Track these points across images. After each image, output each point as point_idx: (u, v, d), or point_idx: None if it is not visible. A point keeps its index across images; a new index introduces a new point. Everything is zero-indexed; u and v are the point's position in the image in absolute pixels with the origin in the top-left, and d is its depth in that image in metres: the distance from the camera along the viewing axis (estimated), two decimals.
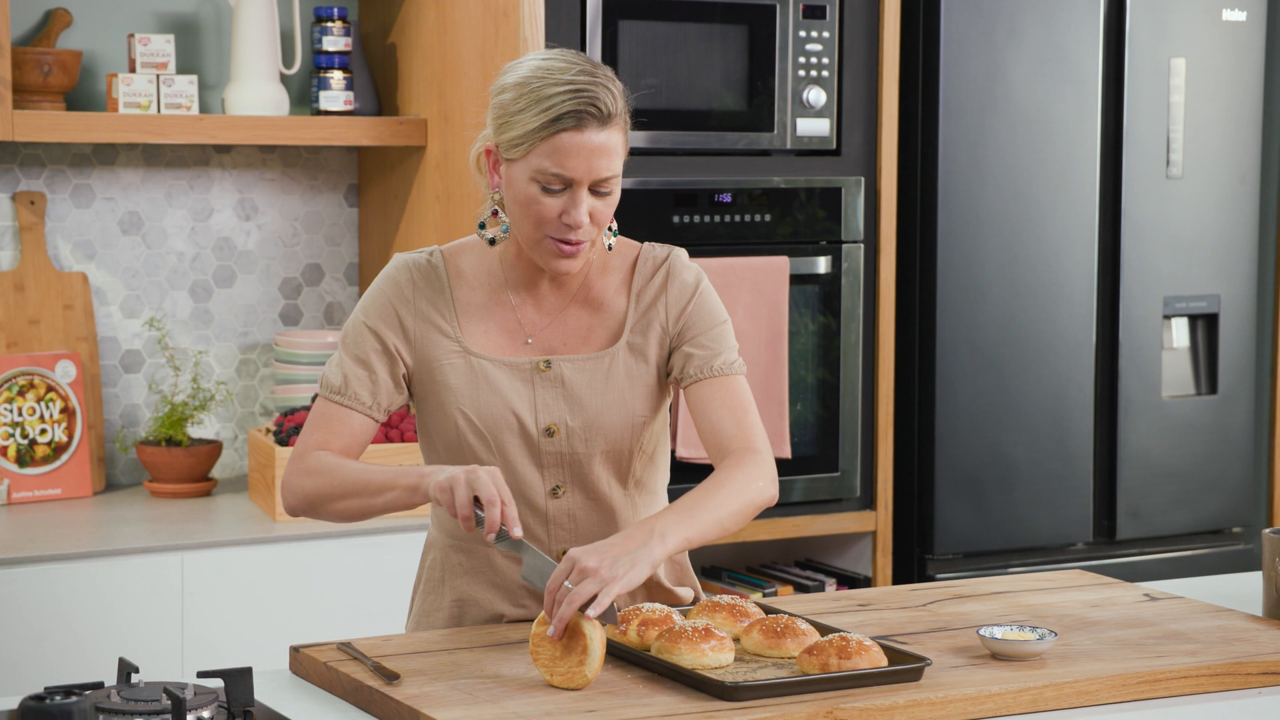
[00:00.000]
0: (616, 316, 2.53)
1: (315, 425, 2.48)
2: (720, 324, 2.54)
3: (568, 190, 2.38)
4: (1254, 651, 2.42)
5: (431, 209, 3.87)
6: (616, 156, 2.39)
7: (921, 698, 2.20)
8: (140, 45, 3.75)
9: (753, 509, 2.41)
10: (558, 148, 2.35)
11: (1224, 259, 4.33)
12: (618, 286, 2.54)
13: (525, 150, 2.38)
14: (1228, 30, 4.30)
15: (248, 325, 4.07)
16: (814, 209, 3.95)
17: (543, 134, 2.35)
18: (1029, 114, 4.09)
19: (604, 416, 2.48)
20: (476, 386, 2.47)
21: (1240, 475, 4.39)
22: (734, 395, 2.50)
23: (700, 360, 2.50)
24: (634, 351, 2.52)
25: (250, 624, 3.43)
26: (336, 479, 2.42)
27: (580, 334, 2.52)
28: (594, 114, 2.35)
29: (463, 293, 2.51)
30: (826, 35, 3.92)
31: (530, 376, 2.49)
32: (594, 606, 2.20)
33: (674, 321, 2.52)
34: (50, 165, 3.87)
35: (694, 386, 2.51)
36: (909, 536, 4.11)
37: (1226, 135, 4.32)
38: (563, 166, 2.36)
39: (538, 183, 2.38)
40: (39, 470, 3.74)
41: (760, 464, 2.43)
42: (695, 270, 2.56)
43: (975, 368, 4.07)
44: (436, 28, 3.85)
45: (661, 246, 2.58)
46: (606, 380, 2.49)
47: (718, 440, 2.47)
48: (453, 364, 2.48)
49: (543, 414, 2.48)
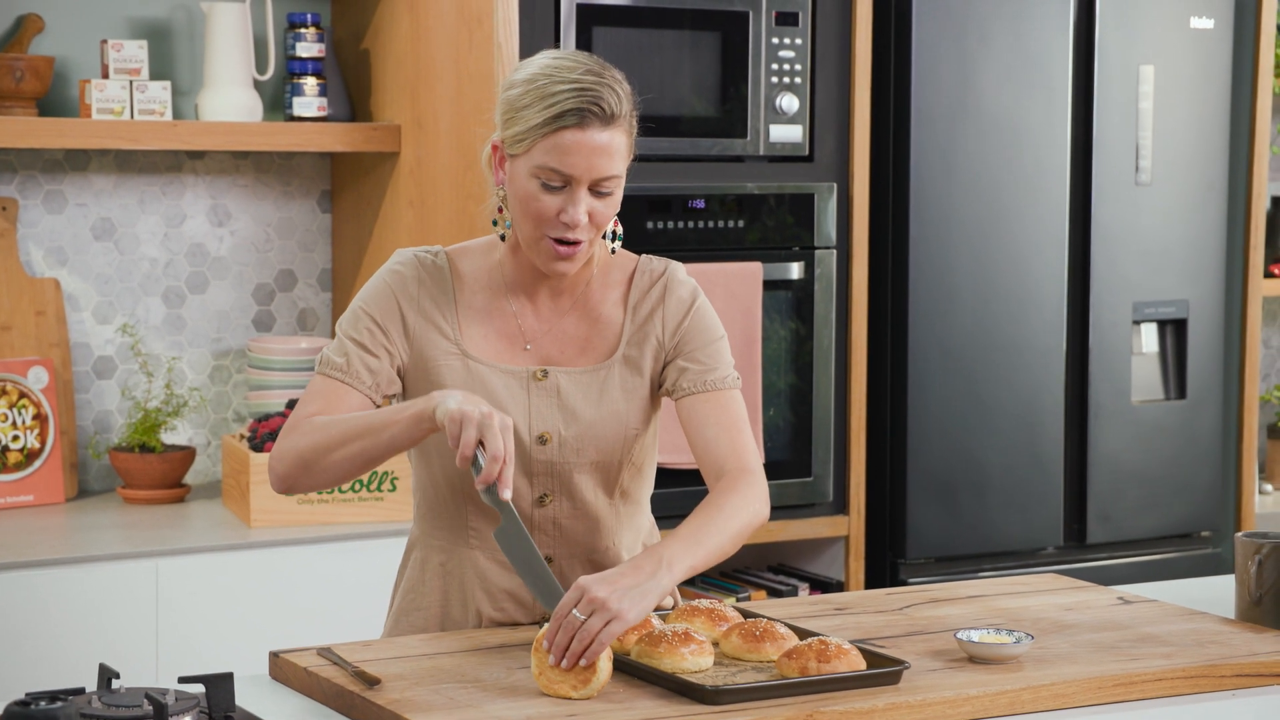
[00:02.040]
0: (613, 328, 2.53)
1: (312, 398, 2.44)
2: (717, 339, 2.54)
3: (567, 188, 2.38)
4: (1227, 654, 2.44)
5: (405, 215, 3.88)
6: (618, 157, 2.39)
7: (900, 701, 2.21)
8: (113, 51, 3.74)
9: (749, 530, 2.42)
10: (559, 144, 2.36)
11: (1193, 265, 4.36)
12: (615, 298, 2.54)
13: (528, 146, 2.38)
14: (1196, 38, 4.33)
15: (221, 331, 4.06)
16: (786, 215, 3.96)
17: (545, 130, 2.36)
18: (1000, 121, 4.11)
19: (597, 428, 2.49)
20: (472, 390, 2.47)
21: (1209, 479, 4.42)
22: (728, 412, 2.50)
23: (695, 375, 2.51)
24: (629, 365, 2.52)
25: (226, 630, 3.42)
26: (333, 430, 2.38)
27: (577, 343, 2.52)
28: (597, 113, 2.36)
29: (465, 295, 2.51)
30: (799, 42, 3.94)
31: (526, 384, 2.49)
32: (586, 656, 2.19)
33: (670, 335, 2.53)
34: (22, 171, 3.86)
35: (687, 400, 2.50)
36: (881, 541, 4.12)
37: (1195, 142, 4.35)
38: (563, 163, 2.37)
39: (538, 179, 2.39)
40: (11, 477, 3.73)
41: (755, 484, 2.44)
42: (692, 285, 2.56)
43: (947, 373, 4.09)
44: (410, 34, 3.86)
45: (659, 259, 2.58)
46: (601, 393, 2.50)
47: (712, 458, 2.48)
48: (450, 365, 2.48)
49: (537, 421, 2.48)
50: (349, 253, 4.09)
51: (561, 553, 2.53)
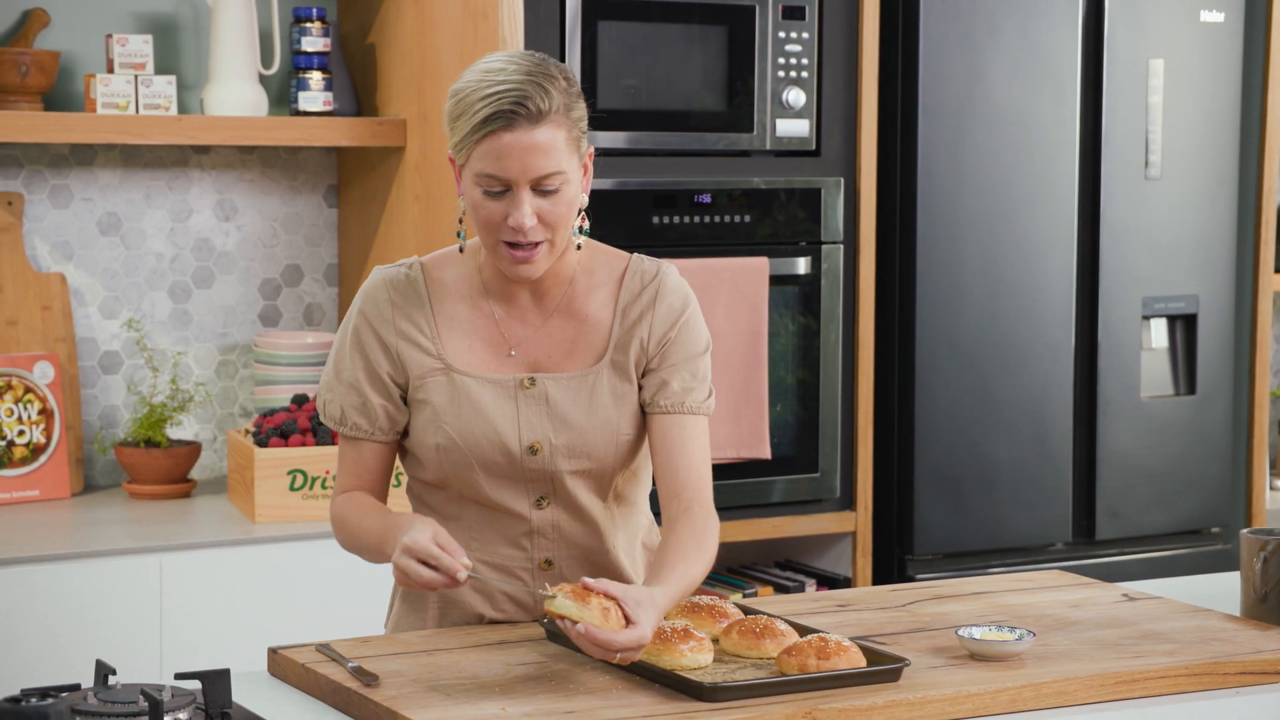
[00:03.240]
0: (600, 331, 2.50)
1: (339, 465, 2.55)
2: (700, 354, 2.51)
3: (509, 193, 2.36)
4: (1232, 651, 2.42)
5: (411, 209, 3.87)
6: (556, 154, 2.35)
7: (900, 698, 2.20)
8: (118, 46, 3.74)
9: (704, 578, 2.44)
10: (491, 149, 2.34)
11: (1203, 260, 4.34)
12: (603, 300, 2.51)
13: (466, 154, 2.37)
14: (1206, 31, 4.31)
15: (227, 326, 4.06)
16: (793, 210, 3.95)
17: (476, 136, 2.35)
18: (1008, 115, 4.09)
19: (588, 435, 2.46)
20: (459, 405, 2.45)
21: (1219, 475, 4.40)
22: (700, 439, 2.49)
23: (675, 394, 2.48)
24: (617, 369, 2.49)
25: (229, 626, 3.42)
26: (348, 538, 2.51)
27: (564, 347, 2.49)
28: (524, 113, 2.33)
29: (444, 305, 2.49)
30: (806, 36, 3.92)
31: (514, 393, 2.47)
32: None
33: (655, 343, 2.49)
34: (28, 166, 3.86)
35: (662, 416, 2.48)
36: (889, 537, 4.11)
37: (1205, 136, 4.33)
38: (497, 167, 2.34)
39: (480, 187, 2.37)
40: (17, 472, 3.73)
41: (716, 528, 2.46)
42: (684, 291, 2.53)
43: (955, 368, 4.07)
44: (416, 28, 3.85)
45: (651, 261, 2.54)
46: (591, 399, 2.47)
47: (678, 484, 2.46)
48: (435, 381, 2.47)
49: (526, 431, 2.46)
50: (355, 248, 4.08)
51: (561, 555, 2.51)
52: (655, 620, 2.24)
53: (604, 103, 3.75)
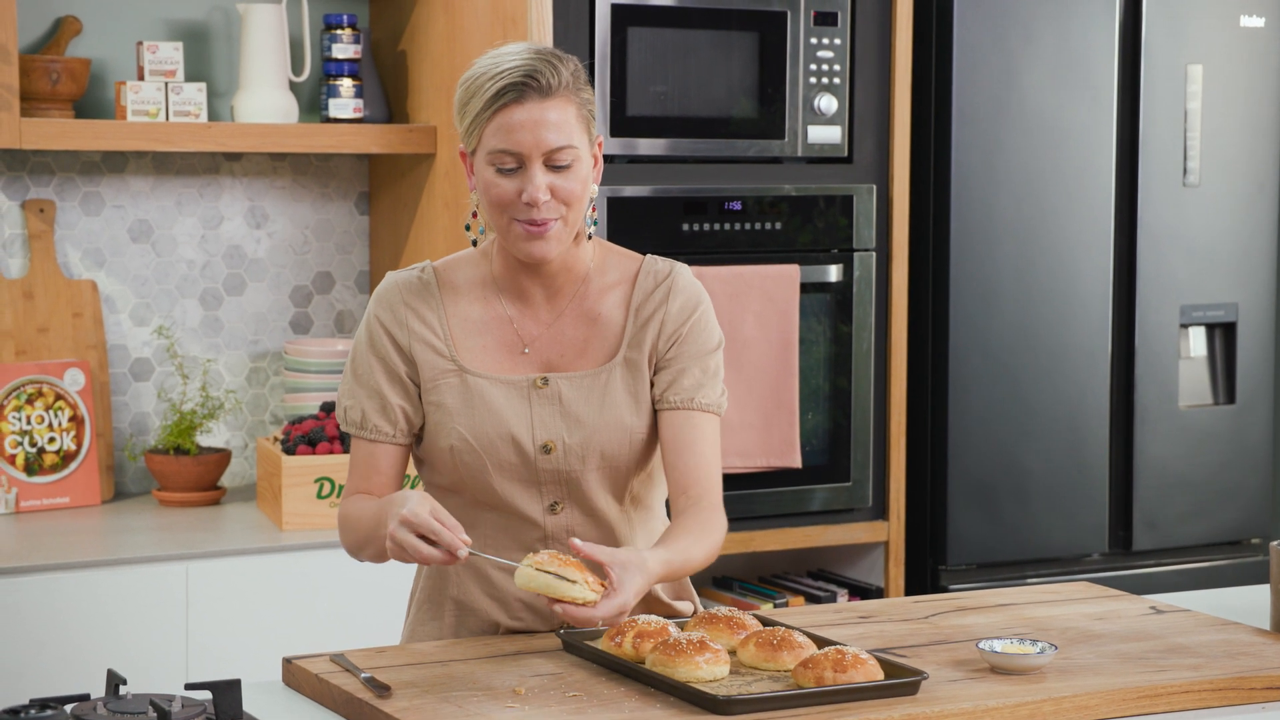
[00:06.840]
0: (614, 330, 2.50)
1: (351, 468, 2.53)
2: (712, 351, 2.51)
3: (522, 168, 2.38)
4: (1258, 666, 2.39)
5: (441, 216, 3.86)
6: (567, 128, 2.38)
7: (917, 712, 2.17)
8: (149, 53, 3.74)
9: (703, 567, 2.44)
10: (503, 124, 2.37)
11: (1242, 267, 4.30)
12: (617, 299, 2.51)
13: (478, 135, 2.39)
14: (1245, 37, 4.26)
15: (257, 333, 4.06)
16: (826, 217, 3.92)
17: (487, 114, 2.37)
18: (1043, 121, 4.06)
19: (601, 434, 2.46)
20: (472, 406, 2.45)
21: (1258, 486, 4.35)
22: (710, 437, 2.48)
23: (686, 390, 2.47)
24: (630, 368, 2.48)
25: (255, 634, 3.41)
26: (349, 533, 2.49)
27: (577, 346, 2.49)
28: (534, 86, 2.36)
29: (457, 307, 2.49)
30: (838, 42, 3.90)
31: (527, 393, 2.46)
32: None
33: (667, 339, 2.49)
34: (60, 173, 3.87)
35: (673, 413, 2.47)
36: (922, 547, 4.07)
37: (1244, 143, 4.28)
38: (509, 141, 2.36)
39: (493, 165, 2.39)
40: (47, 479, 3.74)
41: (723, 524, 2.46)
42: (697, 290, 2.53)
43: (989, 376, 4.04)
44: (446, 34, 3.84)
45: (664, 260, 2.55)
46: (604, 398, 2.46)
47: (687, 481, 2.45)
48: (448, 383, 2.46)
49: (539, 431, 2.46)
50: (386, 254, 4.07)
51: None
52: (642, 586, 2.25)
53: (634, 109, 3.73)
